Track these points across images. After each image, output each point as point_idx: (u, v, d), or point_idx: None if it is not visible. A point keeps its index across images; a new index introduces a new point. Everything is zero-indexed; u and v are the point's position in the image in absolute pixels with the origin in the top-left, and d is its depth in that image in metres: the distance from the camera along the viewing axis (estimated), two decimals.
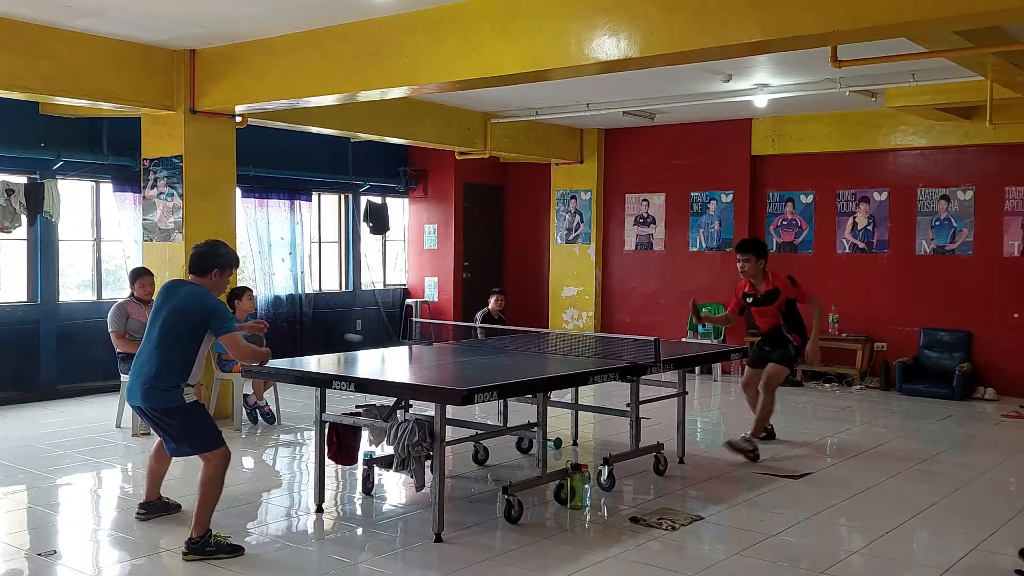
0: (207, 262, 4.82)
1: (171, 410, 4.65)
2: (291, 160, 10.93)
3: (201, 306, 4.68)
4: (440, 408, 4.91)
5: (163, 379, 4.62)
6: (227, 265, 4.88)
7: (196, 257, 4.86)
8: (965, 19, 4.79)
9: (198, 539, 4.61)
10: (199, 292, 4.75)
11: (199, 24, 6.92)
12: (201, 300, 4.71)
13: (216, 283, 4.85)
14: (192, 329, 4.67)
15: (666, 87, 9.22)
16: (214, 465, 4.69)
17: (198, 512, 4.65)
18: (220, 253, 4.88)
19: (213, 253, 4.86)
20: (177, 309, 4.68)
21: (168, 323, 4.66)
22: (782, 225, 11.18)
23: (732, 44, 5.23)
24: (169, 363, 4.63)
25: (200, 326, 4.67)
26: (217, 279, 4.84)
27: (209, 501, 4.67)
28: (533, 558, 4.68)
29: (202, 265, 4.83)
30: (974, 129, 9.58)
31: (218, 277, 4.84)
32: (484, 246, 13.13)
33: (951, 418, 8.67)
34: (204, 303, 4.69)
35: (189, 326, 4.66)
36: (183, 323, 4.66)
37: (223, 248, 4.94)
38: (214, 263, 4.82)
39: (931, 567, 4.65)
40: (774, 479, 6.30)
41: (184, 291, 4.77)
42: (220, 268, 4.84)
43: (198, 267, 4.83)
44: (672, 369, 6.45)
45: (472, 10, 6.14)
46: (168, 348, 4.64)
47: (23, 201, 8.53)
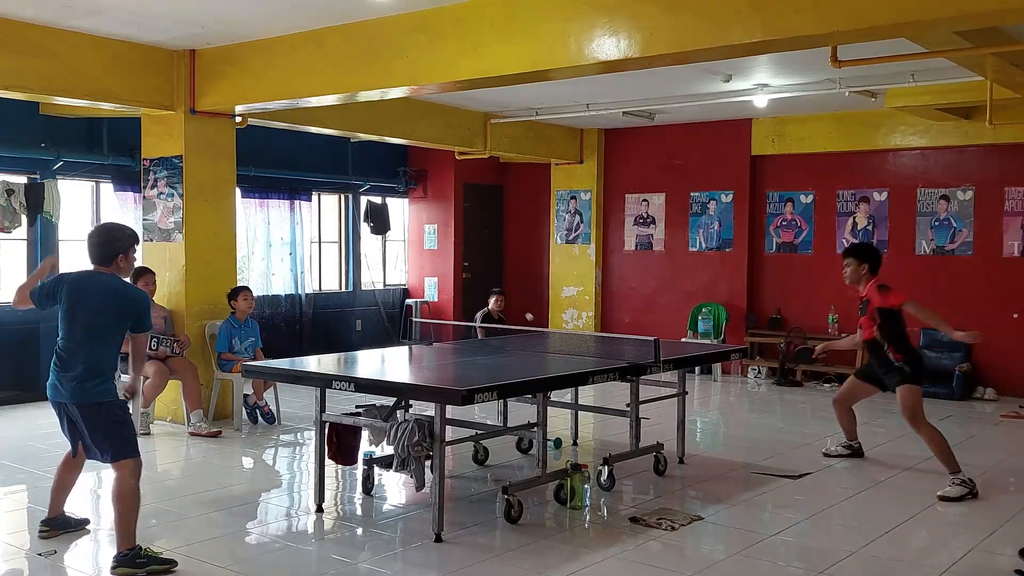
0: (109, 250, 4.62)
1: (102, 404, 4.53)
2: (291, 160, 10.93)
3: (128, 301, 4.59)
4: (440, 408, 4.91)
5: (95, 375, 4.51)
6: (129, 247, 4.66)
7: (95, 247, 4.63)
8: (965, 19, 4.79)
9: (127, 551, 4.46)
10: (120, 285, 4.63)
11: (199, 24, 6.92)
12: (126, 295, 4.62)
13: (123, 268, 4.68)
14: (119, 323, 4.57)
15: (666, 87, 9.22)
16: (127, 474, 4.51)
17: (120, 526, 4.48)
18: (119, 237, 4.67)
19: (112, 240, 4.65)
20: (101, 303, 4.54)
21: (94, 318, 4.53)
22: (782, 225, 11.18)
23: (732, 44, 5.23)
24: (100, 359, 4.54)
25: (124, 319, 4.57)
26: (124, 264, 4.66)
27: (129, 512, 4.49)
28: (533, 558, 4.69)
29: (107, 253, 4.62)
30: (974, 129, 9.58)
31: (124, 262, 4.66)
32: (484, 246, 13.13)
33: (951, 418, 8.67)
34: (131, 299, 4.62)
35: (117, 320, 4.56)
36: (110, 316, 4.54)
37: (120, 231, 4.74)
38: (116, 249, 4.63)
39: (931, 567, 4.66)
40: (774, 479, 6.30)
41: (103, 284, 4.59)
42: (124, 252, 4.64)
43: (102, 257, 4.62)
44: (672, 369, 6.45)
45: (472, 10, 6.14)
46: (98, 343, 4.54)
47: (23, 201, 8.53)
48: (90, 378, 4.52)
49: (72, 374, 4.52)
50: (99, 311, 4.55)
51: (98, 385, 4.54)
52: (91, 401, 4.53)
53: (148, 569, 4.43)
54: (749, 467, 6.68)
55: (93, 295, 4.58)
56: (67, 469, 4.95)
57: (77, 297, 4.60)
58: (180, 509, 5.47)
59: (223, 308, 8.01)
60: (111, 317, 4.57)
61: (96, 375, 4.53)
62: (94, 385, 4.53)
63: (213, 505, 5.56)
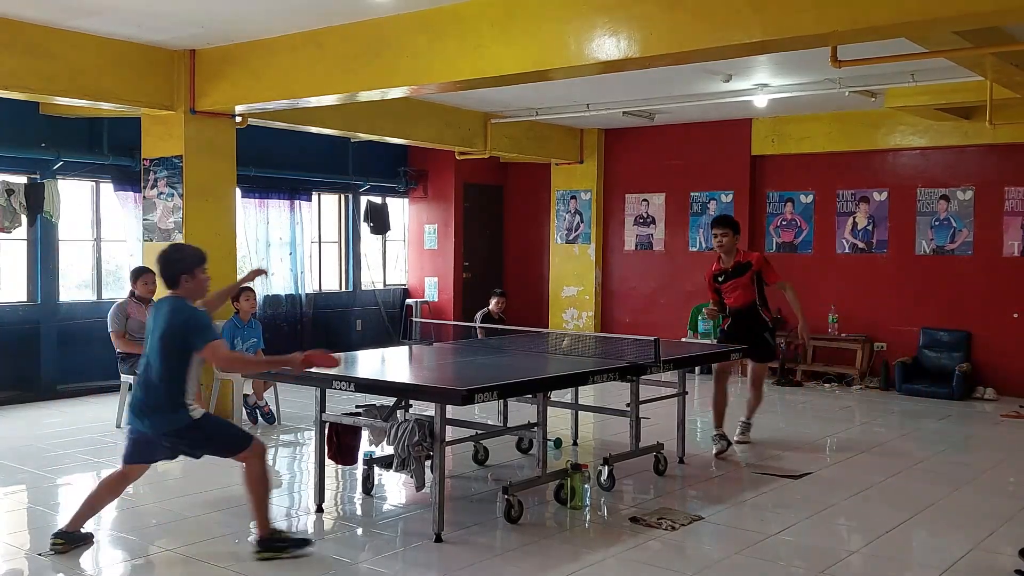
0: (172, 271, 4.63)
1: (181, 430, 4.56)
2: (291, 160, 10.93)
3: (179, 322, 4.54)
4: (440, 408, 4.91)
5: (166, 403, 4.52)
6: (193, 266, 4.64)
7: (160, 271, 4.68)
8: (965, 19, 4.79)
9: (266, 536, 4.62)
10: (177, 307, 4.59)
11: (199, 24, 6.92)
12: (178, 315, 4.56)
13: (191, 288, 4.64)
14: (180, 346, 4.54)
15: (666, 87, 9.22)
16: (251, 464, 4.64)
17: (255, 513, 4.64)
18: (178, 258, 4.67)
19: (173, 261, 4.66)
20: (163, 329, 4.55)
21: (158, 346, 4.55)
22: (782, 225, 11.18)
23: (732, 44, 5.23)
24: (168, 386, 4.53)
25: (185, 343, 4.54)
26: (190, 283, 4.63)
27: (260, 499, 4.63)
28: (533, 558, 4.68)
29: (169, 275, 4.65)
30: (974, 129, 9.58)
31: (190, 281, 4.63)
32: (484, 246, 13.13)
33: (950, 418, 8.67)
34: (180, 319, 4.55)
35: (176, 343, 4.53)
36: (171, 342, 4.53)
37: (178, 252, 4.75)
38: (179, 270, 4.62)
39: (931, 567, 4.66)
40: (774, 479, 6.30)
41: (165, 309, 4.61)
42: (187, 272, 4.62)
43: (166, 279, 4.66)
44: (672, 369, 6.45)
45: (472, 10, 6.14)
46: (164, 371, 4.53)
47: (23, 201, 8.54)
48: (164, 409, 4.51)
49: (146, 405, 4.54)
50: (161, 336, 4.54)
51: (172, 413, 4.52)
52: (170, 429, 4.55)
53: (289, 551, 4.59)
54: (749, 467, 6.68)
55: (160, 319, 4.59)
56: (112, 488, 4.86)
57: (152, 324, 4.67)
58: (180, 509, 5.47)
59: (223, 308, 7.98)
60: (172, 341, 4.53)
61: (169, 405, 4.51)
62: (170, 414, 4.51)
63: (213, 505, 5.56)
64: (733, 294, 7.20)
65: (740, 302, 7.17)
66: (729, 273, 7.17)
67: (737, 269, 7.14)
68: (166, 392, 4.53)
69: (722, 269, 7.22)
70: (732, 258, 7.17)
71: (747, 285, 7.12)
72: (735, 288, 7.16)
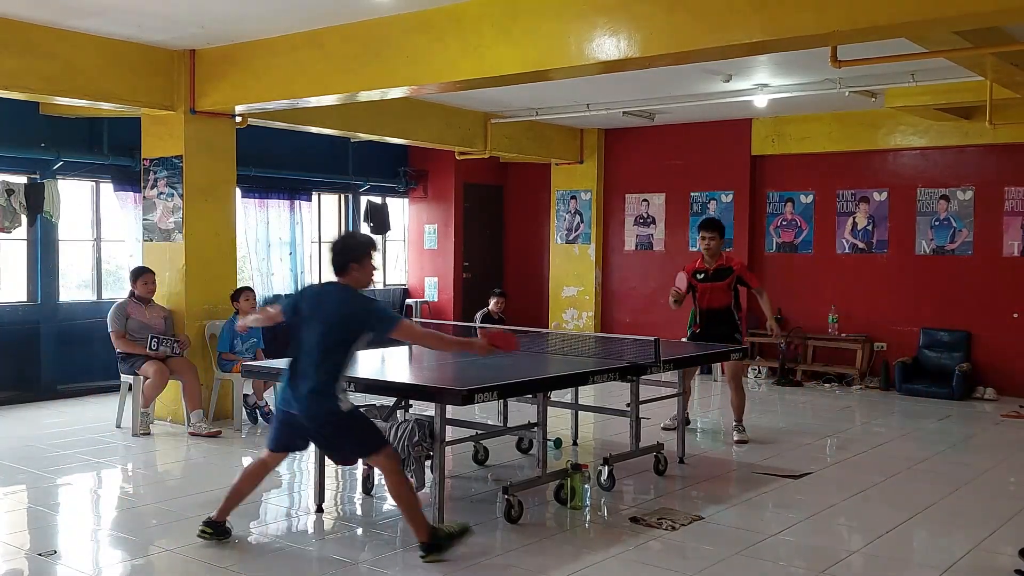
0: (344, 257, 4.63)
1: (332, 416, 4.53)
2: (291, 160, 10.92)
3: (356, 311, 4.52)
4: (440, 408, 4.91)
5: (326, 388, 4.50)
6: (364, 254, 4.63)
7: (332, 259, 4.66)
8: (965, 19, 4.79)
9: (429, 540, 4.59)
10: (350, 295, 4.59)
11: (199, 24, 6.92)
12: (352, 304, 4.55)
13: (358, 276, 4.63)
14: (349, 335, 4.52)
15: (666, 87, 9.22)
16: (391, 469, 4.60)
17: (408, 519, 4.61)
18: (353, 245, 4.69)
19: (345, 248, 4.66)
20: (333, 315, 4.53)
21: (324, 330, 4.52)
22: (782, 225, 11.18)
23: (732, 44, 5.23)
24: (330, 372, 4.52)
25: (356, 331, 4.52)
26: (358, 272, 4.62)
27: (409, 505, 4.58)
28: (533, 558, 4.68)
29: (340, 262, 4.62)
30: (974, 129, 9.58)
31: (358, 270, 4.62)
32: (484, 246, 13.13)
33: (951, 418, 8.67)
34: (356, 307, 4.54)
35: (346, 332, 4.52)
36: (339, 330, 4.51)
37: (352, 239, 4.78)
38: (351, 257, 4.62)
39: (931, 567, 4.66)
40: (774, 479, 6.30)
41: (334, 296, 4.60)
42: (356, 260, 4.62)
43: (336, 267, 4.63)
44: (672, 369, 6.45)
45: (472, 10, 6.14)
46: (325, 356, 4.51)
47: (23, 201, 8.53)
48: (320, 392, 4.50)
49: (304, 388, 4.52)
50: (328, 323, 4.53)
51: (328, 399, 4.51)
52: (318, 414, 4.53)
53: (453, 544, 4.61)
54: (749, 467, 6.68)
55: (328, 306, 4.57)
56: (254, 476, 4.87)
57: (311, 308, 4.62)
58: (180, 509, 5.47)
59: (223, 308, 8.01)
60: (339, 329, 4.52)
61: (326, 389, 4.50)
62: (323, 399, 4.50)
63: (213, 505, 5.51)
64: (709, 296, 7.37)
65: (716, 304, 7.36)
66: (709, 275, 7.34)
67: (718, 273, 7.33)
68: (324, 377, 4.51)
69: (703, 268, 7.39)
70: (715, 261, 7.36)
71: (725, 290, 7.33)
72: (713, 291, 7.34)
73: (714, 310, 7.37)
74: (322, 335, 4.54)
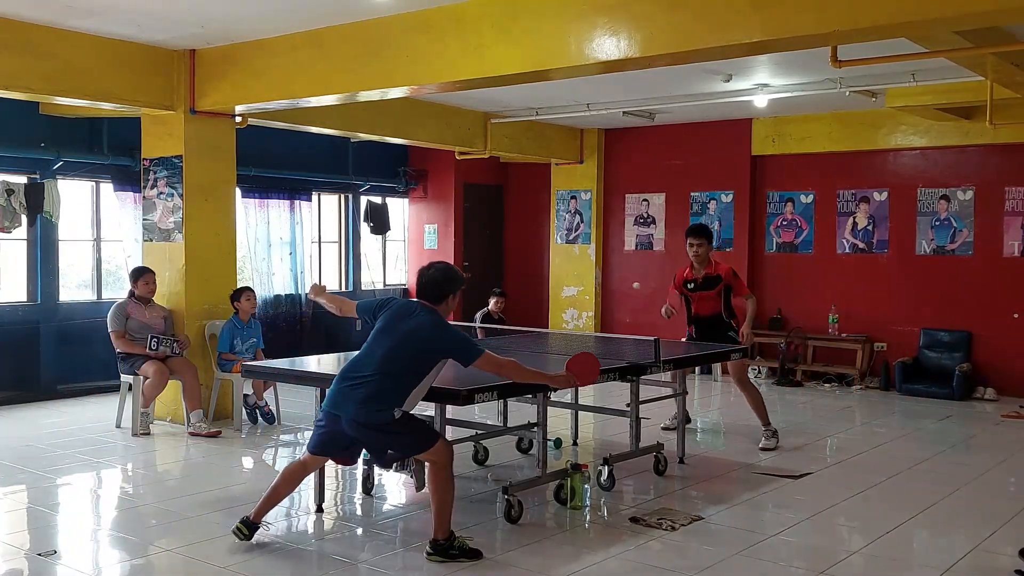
0: (443, 289, 4.66)
1: (376, 425, 4.52)
2: (291, 160, 10.92)
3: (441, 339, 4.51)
4: (440, 408, 4.91)
5: (381, 400, 4.49)
6: (459, 289, 4.73)
7: (430, 284, 4.67)
8: (965, 19, 4.79)
9: (443, 541, 4.58)
10: (438, 320, 4.58)
11: (199, 24, 6.92)
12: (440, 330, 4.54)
13: (445, 308, 4.68)
14: (423, 358, 4.52)
15: (666, 87, 9.22)
16: (437, 465, 4.59)
17: (437, 515, 4.59)
18: (453, 279, 4.71)
19: (448, 280, 4.69)
20: (413, 335, 4.52)
21: (399, 346, 4.51)
22: (782, 225, 11.18)
23: (732, 44, 5.23)
24: (393, 386, 4.50)
25: (433, 358, 4.53)
26: (451, 303, 4.70)
27: (444, 503, 4.58)
28: (533, 558, 4.68)
29: (438, 292, 4.65)
30: (974, 129, 9.58)
31: (452, 302, 4.70)
32: (484, 246, 13.13)
33: (951, 418, 8.67)
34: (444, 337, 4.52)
35: (422, 355, 4.51)
36: (416, 350, 4.50)
37: (454, 272, 4.78)
38: (450, 290, 4.67)
39: (931, 567, 4.66)
40: (774, 479, 6.30)
41: (420, 315, 4.58)
42: (453, 293, 4.69)
43: (433, 294, 4.66)
44: (672, 369, 6.45)
45: (472, 10, 6.14)
46: (393, 370, 4.50)
47: (23, 201, 8.53)
48: (374, 403, 4.49)
49: (358, 394, 4.51)
50: (404, 340, 4.52)
51: (379, 412, 4.50)
52: (368, 422, 4.52)
53: (460, 558, 4.57)
54: (749, 467, 6.68)
55: (412, 323, 4.56)
56: (292, 478, 4.84)
57: (393, 320, 4.62)
58: (180, 509, 5.47)
59: (223, 308, 8.01)
60: (412, 348, 4.51)
61: (380, 402, 4.49)
62: (376, 409, 4.49)
63: (213, 505, 5.55)
64: (699, 304, 7.38)
65: (706, 312, 7.38)
66: (699, 283, 7.33)
67: (707, 281, 7.31)
68: (386, 389, 4.49)
69: (692, 277, 7.38)
70: (703, 268, 7.33)
71: (714, 298, 7.32)
72: (703, 299, 7.35)
73: (704, 317, 7.39)
74: (392, 348, 4.53)
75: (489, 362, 4.55)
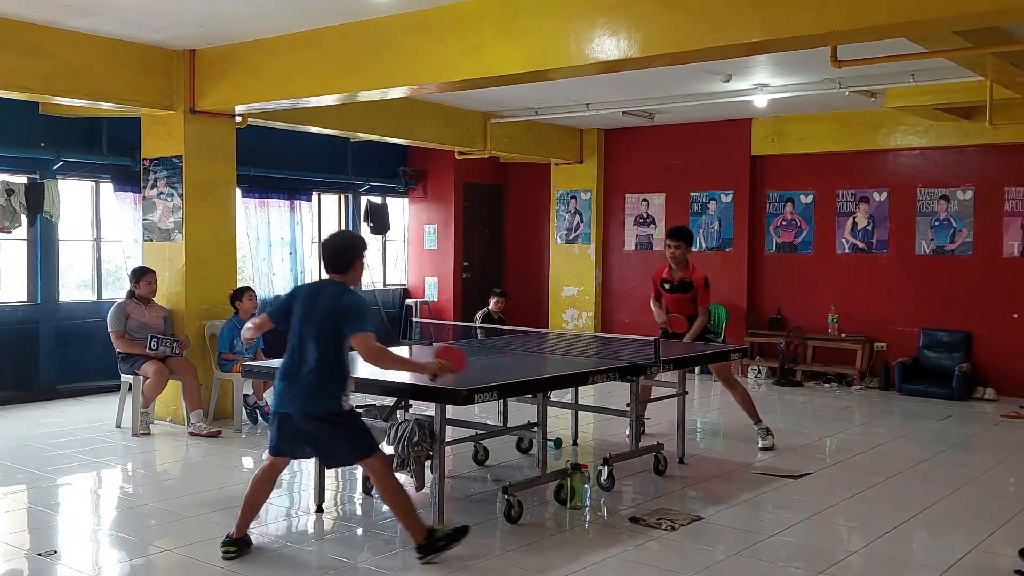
0: (348, 256, 4.65)
1: (328, 416, 4.51)
2: (291, 160, 10.92)
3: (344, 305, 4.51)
4: (440, 408, 4.91)
5: (326, 388, 4.49)
6: (363, 252, 4.72)
7: (335, 254, 4.65)
8: (965, 19, 4.79)
9: (425, 542, 4.58)
10: (344, 290, 4.59)
11: (199, 24, 6.92)
12: (343, 298, 4.55)
13: (356, 275, 4.69)
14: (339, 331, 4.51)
15: (666, 87, 9.22)
16: (379, 473, 4.58)
17: (404, 522, 4.61)
18: (355, 243, 4.71)
19: (350, 245, 4.69)
20: (329, 312, 4.51)
21: (322, 329, 4.50)
22: (782, 225, 11.18)
23: (732, 44, 5.23)
24: (331, 371, 4.51)
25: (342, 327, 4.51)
26: (357, 269, 4.69)
27: (404, 509, 4.58)
28: (533, 558, 4.68)
29: (344, 260, 4.64)
30: (974, 129, 9.58)
31: (358, 267, 4.69)
32: (484, 246, 13.13)
33: (951, 418, 8.67)
34: (346, 301, 4.53)
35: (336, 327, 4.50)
36: (335, 328, 4.49)
37: (352, 237, 4.77)
38: (354, 255, 4.66)
39: (931, 567, 4.66)
40: (774, 479, 6.30)
41: (331, 292, 4.59)
42: (359, 257, 4.68)
43: (340, 263, 4.64)
44: (672, 369, 6.45)
45: (472, 10, 6.14)
46: (326, 356, 4.49)
47: (23, 201, 8.53)
48: (319, 393, 4.48)
49: (301, 387, 4.50)
50: (324, 320, 4.51)
51: (326, 401, 4.50)
52: (318, 414, 4.51)
53: (450, 545, 4.60)
54: (749, 467, 6.67)
55: (325, 300, 4.56)
56: (264, 483, 4.76)
57: (309, 304, 4.59)
58: (180, 509, 5.47)
59: (223, 308, 8.01)
60: (333, 326, 4.50)
61: (325, 390, 4.49)
62: (324, 399, 4.49)
63: (213, 505, 5.55)
64: (673, 305, 7.41)
65: (682, 313, 7.38)
66: (675, 285, 7.37)
67: (682, 285, 7.34)
68: (326, 376, 4.49)
69: (670, 278, 7.42)
70: (680, 270, 7.35)
71: (687, 302, 7.35)
72: (678, 301, 7.38)
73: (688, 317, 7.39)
74: (318, 334, 4.52)
75: (364, 341, 4.45)
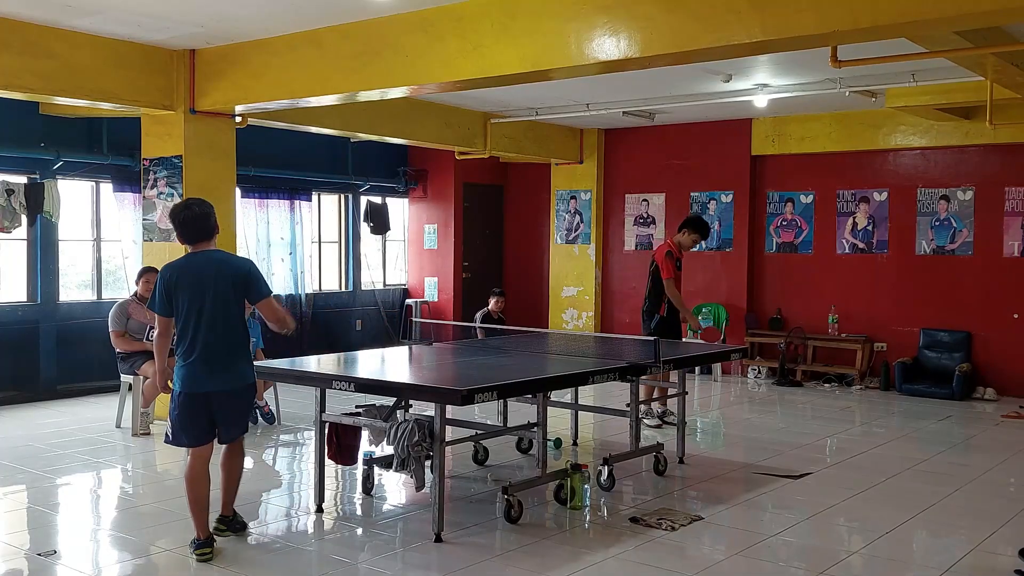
0: (212, 220, 4.67)
1: (248, 388, 4.69)
2: (291, 160, 10.93)
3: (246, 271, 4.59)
4: (440, 408, 4.91)
5: (243, 362, 4.60)
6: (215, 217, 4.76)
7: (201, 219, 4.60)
8: (965, 19, 4.79)
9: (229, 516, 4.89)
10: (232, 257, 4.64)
11: (199, 24, 6.92)
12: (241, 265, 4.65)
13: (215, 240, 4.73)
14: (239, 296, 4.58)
15: (666, 87, 9.22)
16: (240, 444, 4.88)
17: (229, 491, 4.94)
18: (207, 211, 4.67)
19: (210, 210, 4.68)
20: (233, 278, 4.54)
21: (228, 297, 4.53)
22: (782, 225, 11.18)
23: (732, 44, 5.23)
24: (242, 339, 4.61)
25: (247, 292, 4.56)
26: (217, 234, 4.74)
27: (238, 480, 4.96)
28: (533, 558, 4.68)
29: (211, 225, 4.65)
30: (974, 129, 9.58)
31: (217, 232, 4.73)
32: (484, 246, 13.13)
33: (951, 418, 8.67)
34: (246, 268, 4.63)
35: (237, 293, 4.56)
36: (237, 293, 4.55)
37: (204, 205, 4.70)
38: (215, 219, 4.71)
39: (931, 567, 4.66)
40: (774, 479, 6.30)
41: (218, 259, 4.60)
42: (216, 223, 4.73)
43: (207, 229, 4.63)
44: (672, 369, 6.45)
45: (472, 10, 6.14)
46: (238, 323, 4.56)
47: (23, 201, 8.53)
48: (238, 368, 4.59)
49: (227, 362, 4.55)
50: (230, 289, 4.54)
51: (245, 371, 4.63)
52: (239, 389, 4.63)
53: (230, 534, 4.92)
54: (749, 467, 6.67)
55: (222, 273, 4.56)
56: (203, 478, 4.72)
57: (204, 284, 4.55)
58: (180, 509, 5.45)
59: None
60: (237, 297, 4.56)
61: (243, 365, 4.61)
62: (243, 369, 4.61)
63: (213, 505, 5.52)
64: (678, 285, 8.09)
65: None
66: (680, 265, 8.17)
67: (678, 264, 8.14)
68: (238, 345, 4.58)
69: (679, 257, 8.17)
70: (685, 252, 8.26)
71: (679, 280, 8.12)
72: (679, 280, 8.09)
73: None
74: (225, 304, 4.54)
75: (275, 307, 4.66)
